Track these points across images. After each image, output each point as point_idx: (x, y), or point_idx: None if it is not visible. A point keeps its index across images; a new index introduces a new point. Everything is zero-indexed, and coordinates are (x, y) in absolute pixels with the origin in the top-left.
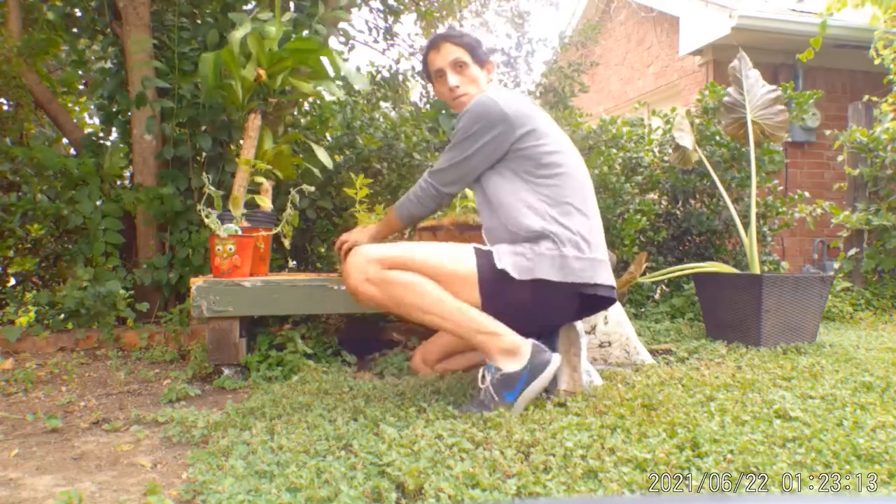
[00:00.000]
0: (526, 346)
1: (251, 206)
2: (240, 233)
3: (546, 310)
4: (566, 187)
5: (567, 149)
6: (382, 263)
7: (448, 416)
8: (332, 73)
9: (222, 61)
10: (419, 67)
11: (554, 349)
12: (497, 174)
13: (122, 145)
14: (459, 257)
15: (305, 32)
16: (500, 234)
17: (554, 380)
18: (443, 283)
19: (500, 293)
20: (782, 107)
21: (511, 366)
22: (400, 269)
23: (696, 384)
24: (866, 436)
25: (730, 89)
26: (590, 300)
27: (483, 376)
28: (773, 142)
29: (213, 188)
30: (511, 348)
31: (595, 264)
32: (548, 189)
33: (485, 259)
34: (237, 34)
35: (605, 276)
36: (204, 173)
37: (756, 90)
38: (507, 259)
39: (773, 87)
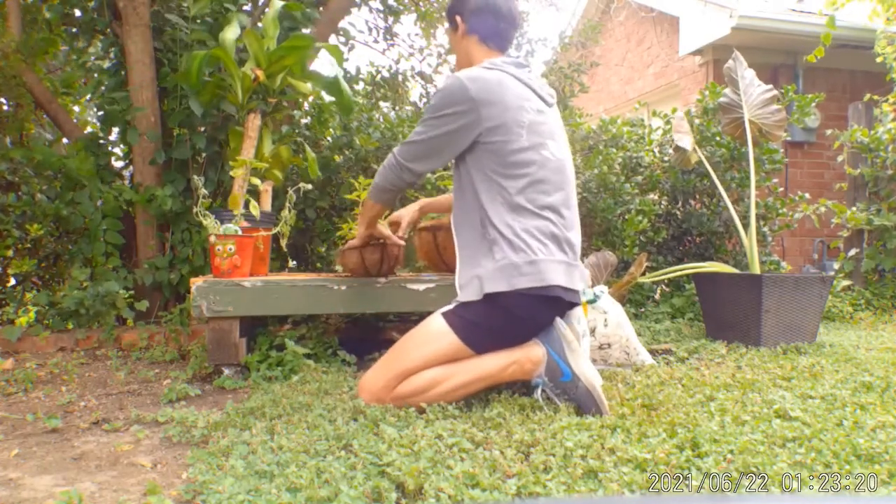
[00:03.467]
0: (535, 347)
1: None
2: (239, 233)
3: (522, 320)
4: (527, 190)
5: (540, 142)
6: (388, 388)
7: (448, 416)
8: (336, 77)
9: (219, 60)
10: (419, 67)
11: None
12: (466, 168)
13: (122, 145)
14: (436, 332)
15: (307, 30)
16: (465, 228)
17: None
18: (442, 361)
19: (479, 330)
20: (779, 106)
21: (542, 366)
22: (404, 379)
23: (696, 384)
24: (866, 436)
25: (726, 90)
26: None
27: (540, 392)
28: (772, 140)
29: (203, 189)
30: (535, 362)
31: (550, 266)
32: (508, 192)
33: (453, 317)
34: (228, 34)
35: (561, 277)
36: (195, 175)
37: (752, 90)
38: (462, 293)
39: (769, 86)
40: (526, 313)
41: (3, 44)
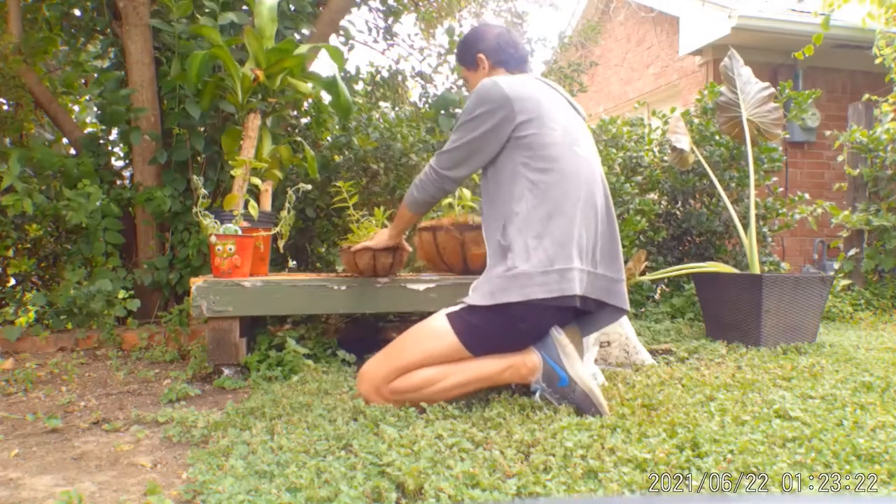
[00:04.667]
0: (531, 353)
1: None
2: (239, 233)
3: (526, 330)
4: (554, 186)
5: (573, 140)
6: (386, 380)
7: (448, 416)
8: (335, 78)
9: (220, 60)
10: (419, 67)
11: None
12: (496, 169)
13: (122, 145)
14: (436, 331)
15: (306, 31)
16: (492, 233)
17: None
18: (440, 360)
19: (480, 335)
20: (776, 104)
21: (539, 372)
22: (403, 374)
23: (696, 384)
24: (866, 436)
25: (722, 88)
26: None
27: (538, 395)
28: (770, 139)
29: (203, 189)
30: (531, 368)
31: (566, 275)
32: (539, 187)
33: (457, 318)
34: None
35: (577, 286)
36: (195, 175)
37: (749, 88)
38: (473, 295)
39: (766, 84)
40: (532, 323)
41: (2, 45)
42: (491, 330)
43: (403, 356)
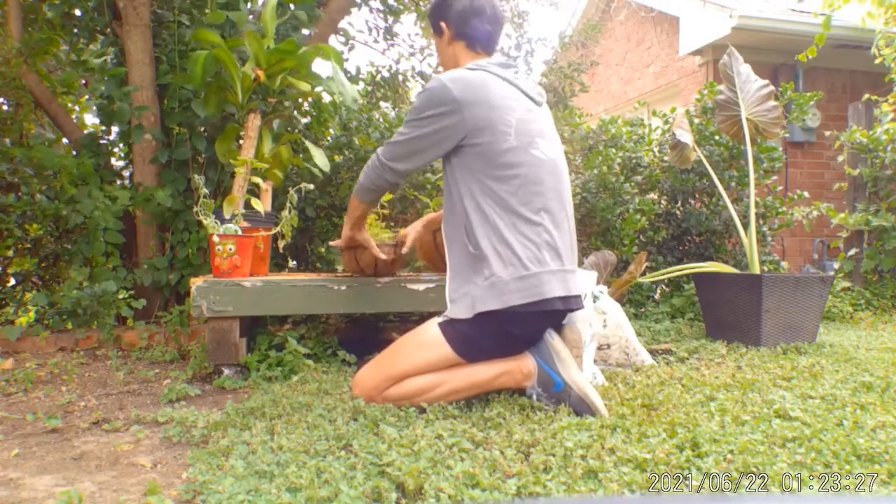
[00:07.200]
0: (526, 359)
1: (250, 206)
2: (239, 233)
3: (517, 335)
4: (520, 192)
5: (529, 141)
6: (378, 389)
7: (448, 416)
8: (333, 72)
9: (221, 60)
10: (419, 67)
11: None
12: (454, 174)
13: (122, 145)
14: (431, 341)
15: (306, 32)
16: (454, 238)
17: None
18: (434, 369)
19: (473, 343)
20: (775, 102)
21: (534, 378)
22: (396, 383)
23: (696, 384)
24: (866, 436)
25: (722, 87)
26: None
27: (535, 398)
28: (769, 138)
29: (205, 189)
30: (526, 373)
31: (544, 278)
32: (500, 196)
33: (449, 328)
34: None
35: (557, 288)
36: (196, 175)
37: (749, 86)
38: (453, 308)
39: (765, 82)
40: (521, 328)
41: (4, 49)
42: (483, 338)
43: (396, 366)
